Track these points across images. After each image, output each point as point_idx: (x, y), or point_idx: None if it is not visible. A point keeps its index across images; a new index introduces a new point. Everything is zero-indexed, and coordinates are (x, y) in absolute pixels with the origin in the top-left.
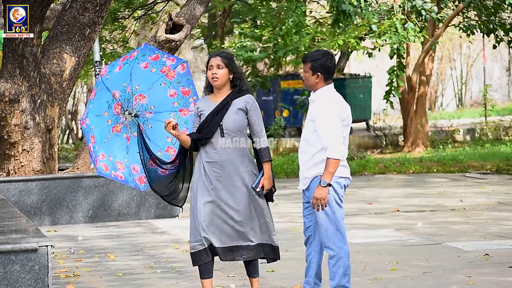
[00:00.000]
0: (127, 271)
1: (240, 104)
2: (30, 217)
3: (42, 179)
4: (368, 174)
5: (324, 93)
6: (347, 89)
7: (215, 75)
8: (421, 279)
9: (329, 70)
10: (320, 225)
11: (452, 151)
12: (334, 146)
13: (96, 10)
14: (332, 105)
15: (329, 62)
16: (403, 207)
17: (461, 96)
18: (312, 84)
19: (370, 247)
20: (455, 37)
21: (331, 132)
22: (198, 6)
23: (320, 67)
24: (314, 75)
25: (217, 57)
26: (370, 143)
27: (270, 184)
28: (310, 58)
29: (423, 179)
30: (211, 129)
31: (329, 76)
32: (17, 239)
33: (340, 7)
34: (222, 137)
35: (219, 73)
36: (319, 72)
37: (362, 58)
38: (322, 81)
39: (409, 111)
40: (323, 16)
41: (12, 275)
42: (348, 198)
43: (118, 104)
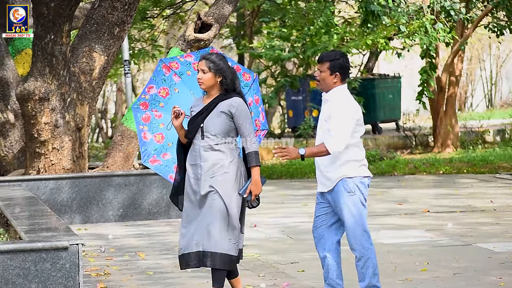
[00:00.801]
0: (157, 270)
1: (224, 108)
2: (61, 215)
3: (73, 178)
4: (398, 174)
5: (340, 92)
6: (376, 89)
7: (199, 80)
8: (451, 280)
9: (346, 71)
10: (347, 228)
11: (482, 152)
12: (338, 140)
13: (125, 9)
14: (349, 104)
15: (347, 63)
16: (433, 208)
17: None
18: (330, 84)
19: (400, 248)
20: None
21: (343, 130)
22: (226, 5)
23: (338, 67)
24: (332, 74)
25: (202, 60)
26: (400, 143)
27: (258, 190)
28: (328, 58)
29: (453, 179)
30: (192, 129)
31: (346, 76)
32: (48, 237)
33: (368, 7)
34: (202, 139)
35: (204, 78)
36: (338, 72)
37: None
38: (339, 81)
39: (438, 112)
40: (351, 16)
41: (43, 273)
42: (378, 198)
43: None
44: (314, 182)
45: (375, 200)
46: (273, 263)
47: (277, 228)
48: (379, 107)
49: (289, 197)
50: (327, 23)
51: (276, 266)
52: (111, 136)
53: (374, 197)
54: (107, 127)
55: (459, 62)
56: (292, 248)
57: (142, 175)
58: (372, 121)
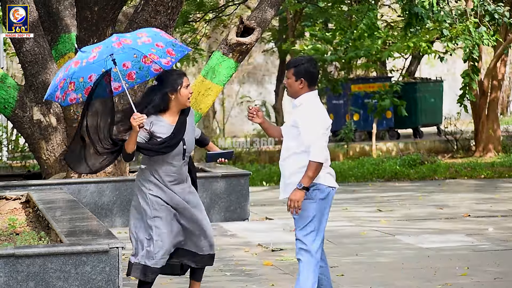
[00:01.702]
0: None
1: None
2: (101, 219)
3: (113, 181)
4: (438, 178)
5: (308, 99)
6: (418, 93)
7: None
8: (492, 285)
9: (313, 76)
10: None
11: None
12: (317, 149)
13: (167, 13)
14: (318, 110)
15: (312, 68)
16: (474, 212)
17: None
18: (296, 90)
19: (440, 252)
20: None
21: (317, 136)
22: (269, 9)
23: (304, 73)
24: (297, 80)
25: (186, 76)
26: (441, 147)
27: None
28: (293, 64)
29: (495, 184)
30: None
31: (313, 82)
32: (88, 240)
33: (412, 9)
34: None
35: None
36: (303, 77)
37: (433, 62)
38: (306, 87)
39: (480, 116)
40: (394, 20)
41: (83, 276)
42: (419, 202)
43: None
44: (354, 187)
45: (416, 204)
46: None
47: None
48: (421, 111)
49: None
50: (370, 26)
51: None
52: None
53: (415, 201)
54: None
55: (502, 66)
56: (332, 252)
57: None
58: (413, 125)
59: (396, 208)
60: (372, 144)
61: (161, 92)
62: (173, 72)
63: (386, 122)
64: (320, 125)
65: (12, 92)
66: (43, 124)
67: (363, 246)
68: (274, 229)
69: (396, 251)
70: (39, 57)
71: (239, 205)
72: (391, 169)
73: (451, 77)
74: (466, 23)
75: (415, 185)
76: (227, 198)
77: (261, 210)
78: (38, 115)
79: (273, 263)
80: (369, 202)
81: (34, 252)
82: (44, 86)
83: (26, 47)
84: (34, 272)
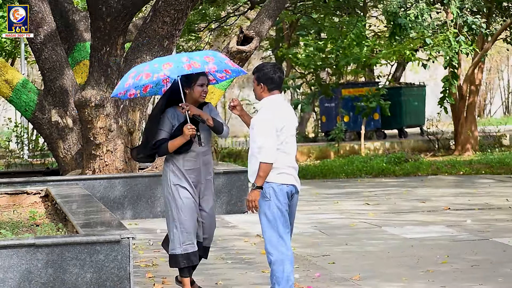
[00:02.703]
0: (201, 262)
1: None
2: (113, 211)
3: (124, 177)
4: (421, 175)
5: (268, 101)
6: (402, 97)
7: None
8: (469, 272)
9: (273, 81)
10: (263, 232)
11: (499, 155)
12: (265, 151)
13: (174, 23)
14: (269, 113)
15: (272, 73)
16: (453, 206)
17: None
18: (258, 94)
19: (423, 242)
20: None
21: (264, 137)
22: (266, 20)
23: (264, 78)
24: (258, 85)
25: (204, 76)
26: (424, 146)
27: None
28: (255, 70)
29: (472, 180)
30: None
31: (273, 86)
32: (101, 231)
33: (396, 21)
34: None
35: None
36: (262, 82)
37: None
38: (266, 91)
39: (459, 118)
40: (381, 30)
41: (97, 263)
42: (403, 197)
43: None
44: (345, 182)
45: (401, 198)
46: (306, 255)
47: (310, 224)
48: (405, 113)
49: (322, 196)
50: (359, 35)
51: (309, 258)
52: None
53: (399, 195)
54: None
55: (479, 72)
56: (324, 242)
57: None
58: (399, 126)
59: (383, 202)
60: (361, 144)
61: (181, 87)
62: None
63: (374, 123)
64: (271, 126)
65: (32, 96)
66: (60, 125)
67: (353, 236)
68: None
69: (382, 241)
70: (57, 64)
71: (239, 199)
72: (378, 166)
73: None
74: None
75: (400, 181)
76: (228, 193)
77: None
78: (56, 117)
79: None
80: (358, 196)
81: (53, 242)
82: (61, 90)
83: (45, 55)
84: (53, 260)
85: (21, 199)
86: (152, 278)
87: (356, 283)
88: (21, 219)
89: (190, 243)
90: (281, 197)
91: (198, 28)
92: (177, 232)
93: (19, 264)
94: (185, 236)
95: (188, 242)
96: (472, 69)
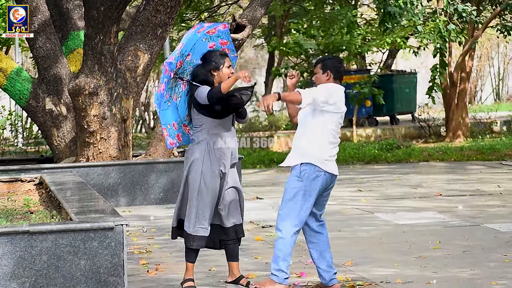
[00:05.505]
0: None
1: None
2: (107, 199)
3: (118, 165)
4: (413, 161)
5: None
6: (394, 84)
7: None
8: (461, 257)
9: (338, 71)
10: (281, 207)
11: (490, 141)
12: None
13: (167, 12)
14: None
15: (339, 65)
16: (445, 192)
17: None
18: (323, 81)
19: (415, 228)
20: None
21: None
22: (259, 9)
23: (331, 66)
24: (324, 73)
25: (228, 57)
26: (415, 133)
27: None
28: (322, 59)
29: (463, 166)
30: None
31: (338, 75)
32: (95, 219)
33: (386, 9)
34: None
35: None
36: (329, 70)
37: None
38: (332, 79)
39: (451, 105)
40: (372, 18)
41: (91, 250)
42: (395, 183)
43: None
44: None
45: (393, 184)
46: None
47: None
48: (397, 100)
49: None
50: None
51: (301, 244)
52: (153, 127)
53: (391, 182)
54: (149, 118)
55: (470, 59)
56: None
57: (181, 162)
58: (390, 113)
59: (375, 188)
60: (353, 130)
61: (206, 69)
62: (216, 52)
63: (366, 110)
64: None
65: (26, 85)
66: (54, 113)
67: (345, 223)
68: (264, 208)
69: (375, 227)
70: (51, 52)
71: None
72: (370, 153)
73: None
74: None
75: (392, 167)
76: None
77: (253, 191)
78: (50, 105)
79: (263, 238)
80: (351, 183)
81: (47, 229)
82: (55, 78)
83: (39, 44)
84: (47, 247)
85: (15, 187)
86: (145, 264)
87: (349, 269)
88: (15, 207)
89: (203, 227)
90: (313, 180)
91: (190, 17)
92: (194, 212)
93: (13, 251)
94: (201, 220)
95: (202, 226)
96: (462, 57)
